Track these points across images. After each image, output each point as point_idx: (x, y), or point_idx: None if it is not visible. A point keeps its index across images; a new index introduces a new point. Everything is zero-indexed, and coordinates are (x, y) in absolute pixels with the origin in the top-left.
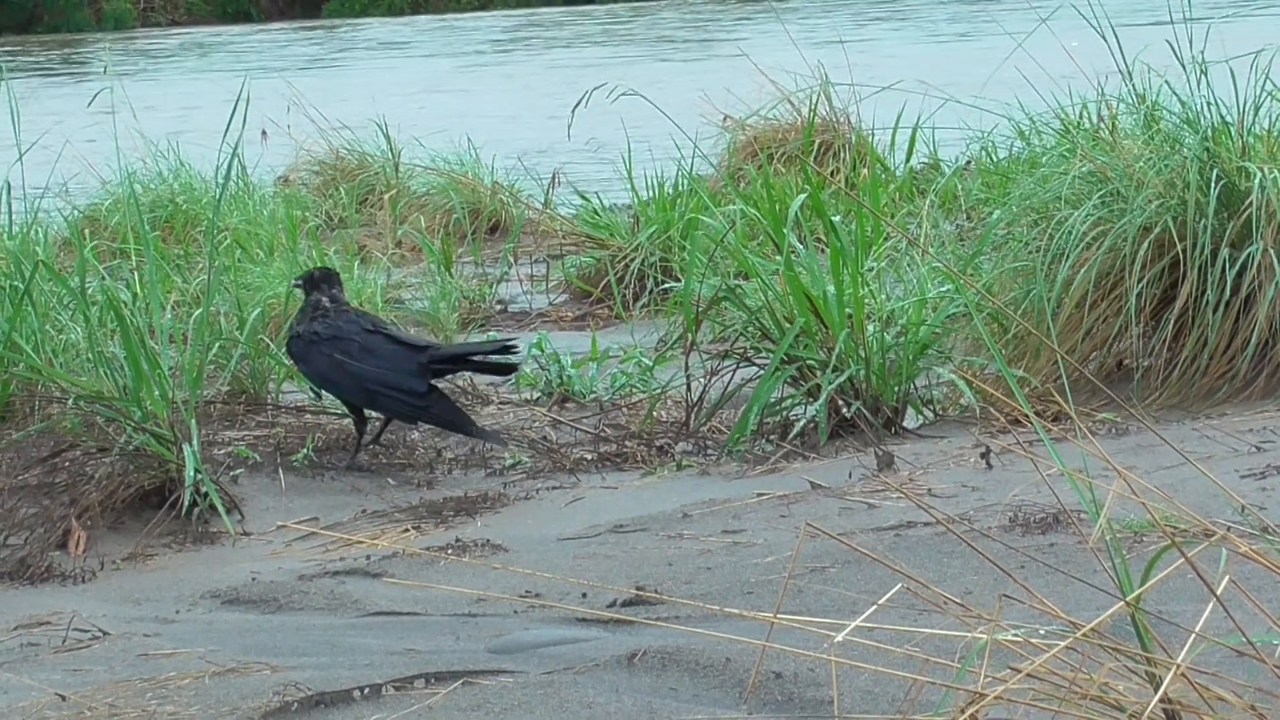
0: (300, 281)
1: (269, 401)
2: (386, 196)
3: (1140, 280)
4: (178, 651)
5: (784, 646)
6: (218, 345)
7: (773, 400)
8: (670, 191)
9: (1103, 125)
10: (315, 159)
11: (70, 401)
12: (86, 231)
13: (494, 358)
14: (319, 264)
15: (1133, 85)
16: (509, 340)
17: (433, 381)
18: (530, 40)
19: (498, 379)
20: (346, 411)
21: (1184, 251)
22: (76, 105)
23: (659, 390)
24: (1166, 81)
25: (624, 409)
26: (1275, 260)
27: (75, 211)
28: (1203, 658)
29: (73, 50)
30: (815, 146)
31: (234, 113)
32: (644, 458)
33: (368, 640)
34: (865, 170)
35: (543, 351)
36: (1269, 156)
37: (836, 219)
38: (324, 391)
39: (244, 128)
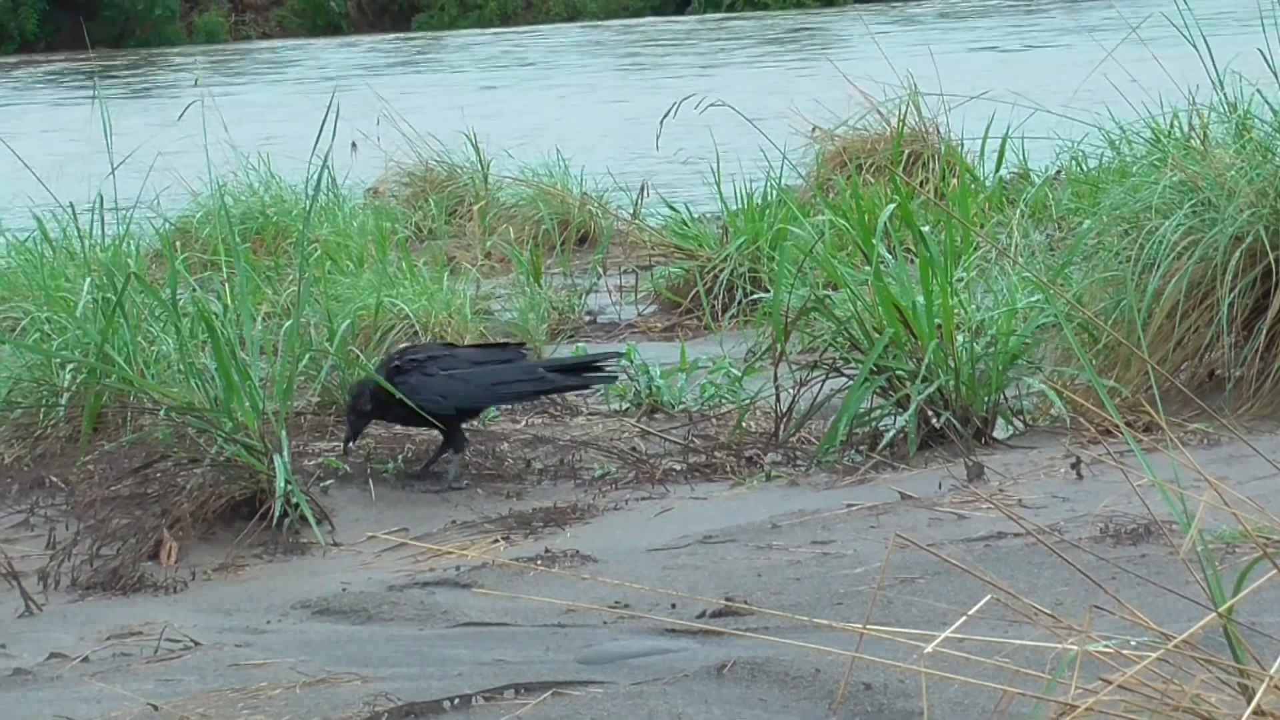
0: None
1: None
2: (475, 208)
3: (1232, 290)
4: (269, 662)
5: (873, 657)
6: (308, 356)
7: (862, 411)
8: (759, 202)
9: (1194, 134)
10: (404, 171)
11: (162, 413)
12: (178, 244)
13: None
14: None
15: (1224, 94)
16: (609, 353)
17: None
18: (618, 51)
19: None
20: (442, 432)
21: (1276, 261)
22: (168, 118)
23: (748, 401)
24: (1258, 90)
25: (713, 420)
26: None
27: (167, 224)
28: None
29: (165, 64)
30: (904, 156)
31: (324, 125)
32: (733, 468)
33: (457, 651)
34: (954, 180)
35: (631, 362)
36: None
37: (925, 229)
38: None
39: (334, 140)
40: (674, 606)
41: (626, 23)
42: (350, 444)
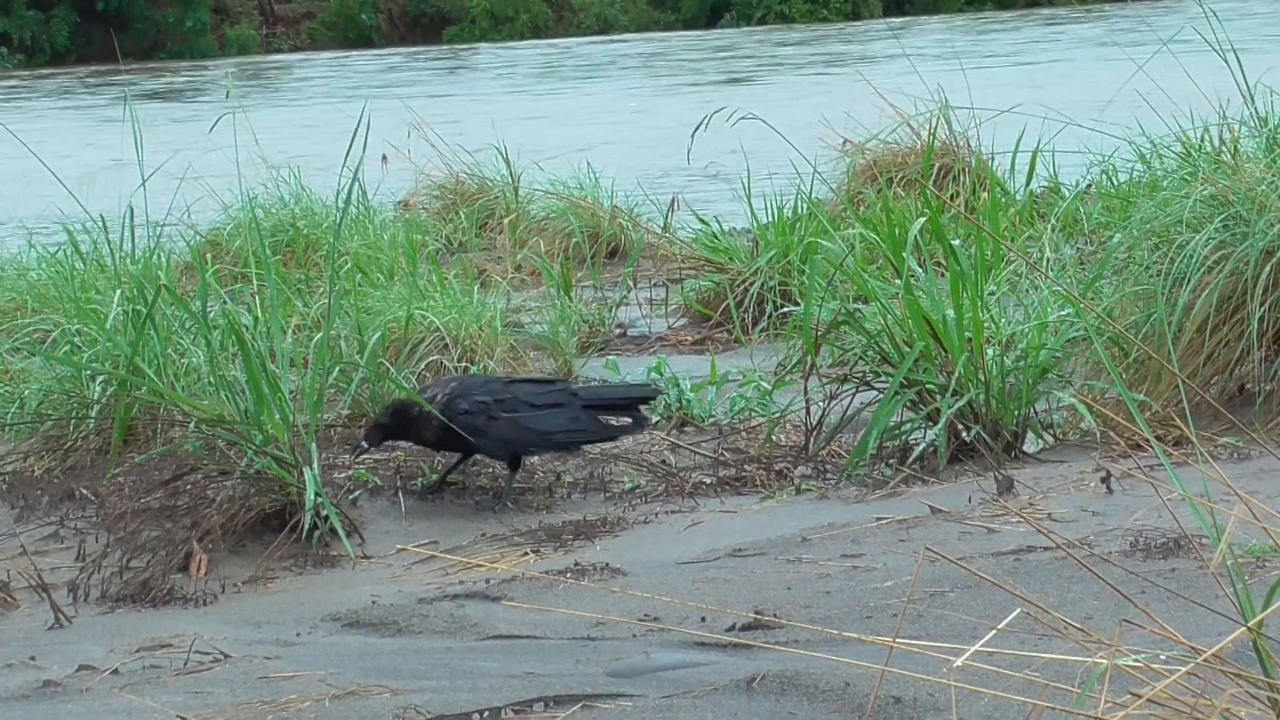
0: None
1: None
2: (506, 221)
3: (1263, 304)
4: (298, 674)
5: (903, 671)
6: (338, 369)
7: (892, 424)
8: (789, 215)
9: (1224, 148)
10: (435, 183)
11: (192, 425)
12: (208, 256)
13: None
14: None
15: (1255, 108)
16: (646, 389)
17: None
18: (649, 64)
19: None
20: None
21: None
22: (199, 130)
23: (778, 414)
24: None
25: (743, 433)
26: None
27: (197, 236)
28: None
29: (196, 76)
30: (935, 170)
31: (354, 137)
32: (763, 482)
33: (487, 663)
34: (985, 194)
35: (662, 375)
36: None
37: (956, 243)
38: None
39: (364, 152)
40: (703, 620)
41: (658, 35)
42: (361, 446)
